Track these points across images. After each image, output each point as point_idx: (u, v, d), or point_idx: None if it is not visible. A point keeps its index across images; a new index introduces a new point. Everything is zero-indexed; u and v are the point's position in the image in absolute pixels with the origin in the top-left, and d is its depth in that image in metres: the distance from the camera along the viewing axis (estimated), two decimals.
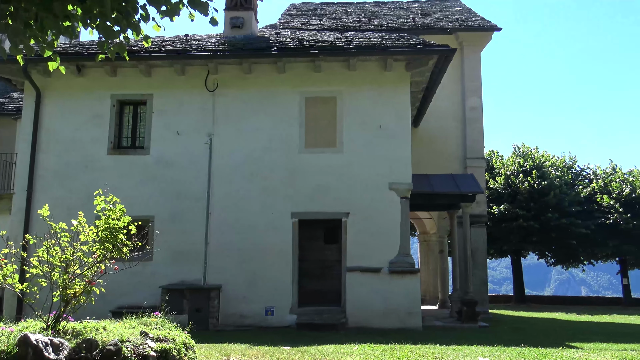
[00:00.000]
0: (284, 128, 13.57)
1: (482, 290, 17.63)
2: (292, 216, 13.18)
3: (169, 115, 13.77)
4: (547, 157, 30.56)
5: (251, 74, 13.72)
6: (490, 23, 19.09)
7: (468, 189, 14.95)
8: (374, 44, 13.32)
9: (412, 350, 7.57)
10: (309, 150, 13.48)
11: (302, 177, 13.33)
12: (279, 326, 12.40)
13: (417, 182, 13.72)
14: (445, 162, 18.11)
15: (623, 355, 7.39)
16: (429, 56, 13.22)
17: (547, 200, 27.70)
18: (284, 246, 13.05)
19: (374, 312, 12.55)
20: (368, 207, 13.12)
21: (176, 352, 5.52)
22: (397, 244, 12.96)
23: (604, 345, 10.23)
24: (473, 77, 18.90)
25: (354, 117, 13.55)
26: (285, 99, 13.71)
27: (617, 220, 28.46)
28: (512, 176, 29.04)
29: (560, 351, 7.74)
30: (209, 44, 13.77)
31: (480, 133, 18.69)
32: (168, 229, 12.83)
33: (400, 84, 13.67)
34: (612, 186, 29.87)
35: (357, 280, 12.83)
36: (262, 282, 12.87)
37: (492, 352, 7.48)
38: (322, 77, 13.71)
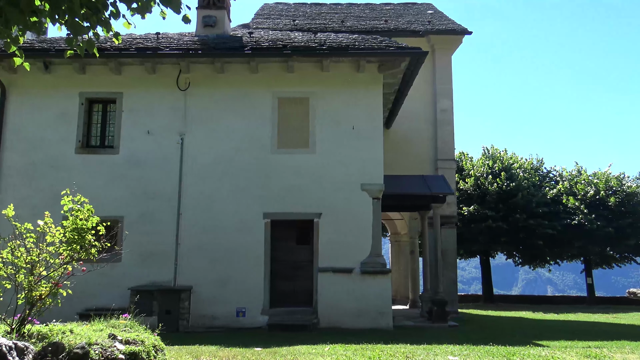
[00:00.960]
0: (256, 128, 13.51)
1: (452, 290, 17.90)
2: (264, 217, 13.13)
3: (140, 114, 13.56)
4: (515, 159, 31.17)
5: (223, 74, 13.61)
6: (461, 27, 19.38)
7: (439, 190, 15.14)
8: (347, 45, 13.37)
9: (383, 350, 7.62)
10: (281, 150, 13.45)
11: (275, 177, 13.30)
12: (251, 327, 12.34)
13: (389, 183, 13.82)
14: (417, 163, 18.30)
15: (587, 352, 7.58)
16: (401, 58, 13.34)
17: (515, 202, 28.26)
18: (255, 247, 12.99)
19: (345, 312, 12.60)
20: (340, 208, 13.17)
21: (146, 355, 5.44)
22: (368, 245, 13.04)
23: (569, 343, 10.49)
24: (444, 79, 19.16)
25: (326, 117, 13.58)
26: (258, 99, 13.66)
27: (581, 221, 29.20)
28: (482, 178, 29.52)
29: (527, 349, 7.89)
30: (181, 43, 13.62)
31: (450, 135, 18.96)
32: (138, 229, 12.64)
33: (372, 86, 13.76)
34: (577, 188, 30.64)
35: (329, 280, 12.86)
36: (233, 283, 12.79)
37: (462, 351, 7.58)
38: (295, 78, 13.70)
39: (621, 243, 29.46)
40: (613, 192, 29.98)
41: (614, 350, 8.02)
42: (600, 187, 30.12)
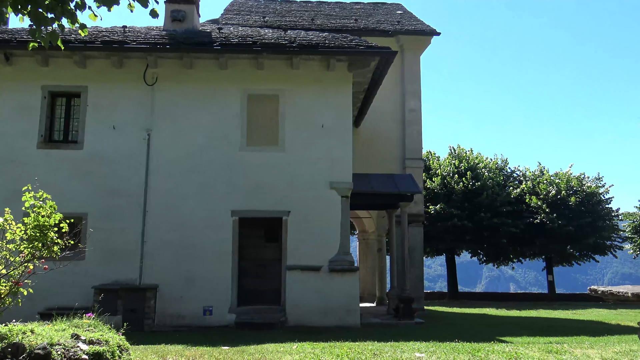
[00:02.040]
0: (225, 125, 13.38)
1: (419, 287, 18.14)
2: (232, 214, 13.02)
3: (105, 109, 13.26)
4: (480, 158, 31.75)
5: (192, 69, 13.44)
6: (430, 27, 19.61)
7: (407, 189, 15.29)
8: (317, 43, 13.37)
9: (351, 347, 7.66)
10: (250, 148, 13.36)
11: (243, 175, 13.20)
12: (218, 326, 12.23)
13: (358, 181, 13.89)
14: (385, 162, 18.46)
15: (549, 348, 7.78)
16: (371, 58, 13.41)
17: (480, 201, 28.81)
18: (223, 245, 12.87)
19: (313, 310, 12.61)
20: (309, 206, 13.16)
21: (110, 355, 5.32)
22: (337, 243, 13.07)
23: (531, 339, 10.73)
24: (413, 79, 19.37)
25: (296, 115, 13.55)
26: (227, 95, 13.53)
27: (543, 220, 29.99)
28: (448, 177, 29.97)
29: (492, 345, 8.05)
30: (149, 37, 13.37)
31: (418, 134, 19.19)
32: (102, 226, 12.37)
33: (342, 84, 13.79)
34: (539, 187, 31.43)
35: (297, 278, 12.85)
36: (200, 281, 12.64)
37: (428, 348, 7.68)
38: (265, 75, 13.63)
39: (581, 241, 30.37)
40: (574, 192, 30.86)
41: (574, 346, 8.25)
42: (561, 187, 30.97)
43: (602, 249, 31.98)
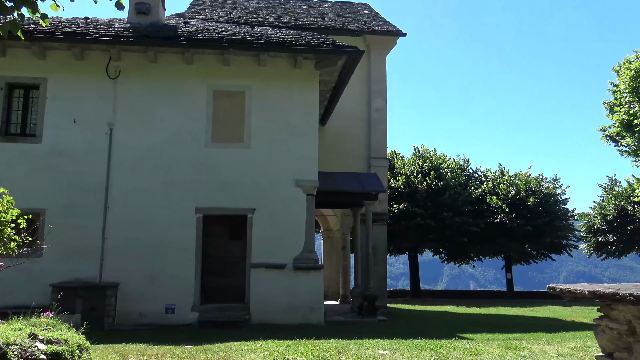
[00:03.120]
0: (190, 121, 13.20)
1: (382, 285, 18.30)
2: (196, 211, 12.86)
3: (65, 102, 12.89)
4: (444, 159, 32.28)
5: (157, 63, 13.20)
6: (396, 28, 19.80)
7: (372, 188, 15.43)
8: (285, 40, 13.33)
9: (316, 345, 7.67)
10: (215, 144, 13.22)
11: (208, 171, 13.05)
12: (180, 324, 12.07)
13: (323, 179, 13.93)
14: (350, 160, 18.56)
15: (508, 344, 7.99)
16: (338, 56, 13.45)
17: (443, 200, 29.28)
18: (187, 242, 12.70)
19: (277, 308, 12.58)
20: (274, 204, 13.12)
21: (69, 355, 5.18)
22: (302, 241, 13.08)
23: (491, 335, 11.00)
24: (379, 79, 19.52)
25: (262, 112, 13.47)
26: (193, 91, 13.35)
27: (503, 219, 30.73)
28: (412, 176, 30.36)
29: (453, 342, 8.21)
30: (112, 29, 13.06)
31: (384, 134, 19.35)
32: (62, 223, 12.02)
33: (309, 82, 13.79)
34: (500, 188, 32.18)
35: (262, 276, 12.80)
36: (163, 279, 12.45)
37: (392, 345, 7.77)
38: (231, 71, 13.50)
39: (538, 241, 31.28)
40: (532, 192, 31.72)
41: (531, 342, 8.50)
42: (520, 188, 31.79)
43: (558, 248, 33.02)
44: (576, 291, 3.60)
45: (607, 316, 3.51)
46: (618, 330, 3.38)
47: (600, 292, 3.32)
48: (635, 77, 20.96)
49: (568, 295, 3.73)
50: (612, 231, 33.60)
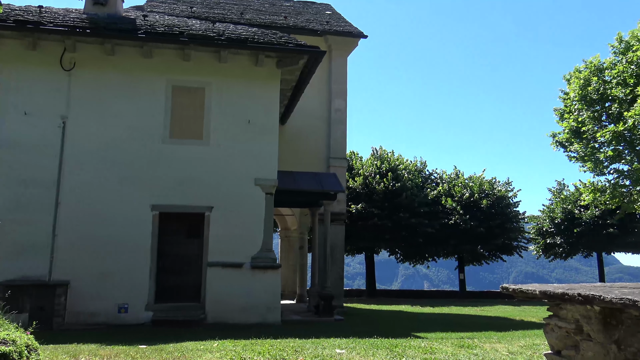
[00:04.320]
0: (148, 116, 12.91)
1: (339, 285, 18.42)
2: (152, 209, 12.61)
3: (15, 93, 12.36)
4: (401, 160, 32.78)
5: (114, 56, 12.86)
6: (358, 30, 19.95)
7: (330, 188, 15.51)
8: (246, 38, 13.23)
9: (273, 344, 7.66)
10: (173, 140, 12.99)
11: (165, 168, 12.81)
12: (134, 324, 11.79)
13: (282, 178, 13.91)
14: (310, 160, 18.58)
15: (461, 343, 8.18)
16: (300, 56, 13.45)
17: (399, 201, 29.74)
18: (142, 240, 12.42)
19: (234, 307, 12.47)
20: (232, 202, 13.00)
21: (17, 355, 5.00)
22: (260, 240, 13.01)
23: (444, 334, 11.25)
24: (339, 80, 19.62)
25: (222, 109, 13.33)
26: (151, 85, 13.06)
27: (457, 221, 31.47)
28: (370, 177, 30.69)
29: (409, 341, 8.35)
30: (67, 19, 12.64)
31: (343, 134, 19.48)
32: (10, 218, 11.53)
33: (270, 81, 13.73)
34: (455, 190, 32.94)
35: (219, 275, 12.66)
36: (116, 277, 12.13)
37: (349, 344, 7.83)
38: (191, 67, 13.29)
39: (490, 242, 32.19)
40: (485, 195, 32.62)
41: (483, 340, 8.74)
42: (474, 190, 32.62)
43: (509, 249, 34.09)
44: (528, 291, 3.72)
45: (557, 315, 3.64)
46: (566, 329, 3.52)
47: (550, 292, 3.45)
48: (584, 86, 21.83)
49: (520, 295, 3.85)
50: (559, 234, 34.94)
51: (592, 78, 21.78)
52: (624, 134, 20.22)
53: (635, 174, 22.07)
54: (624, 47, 21.31)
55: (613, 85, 21.26)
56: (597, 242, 33.61)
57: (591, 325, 3.20)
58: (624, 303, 2.69)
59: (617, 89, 21.08)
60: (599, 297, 2.89)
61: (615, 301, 2.75)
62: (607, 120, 21.93)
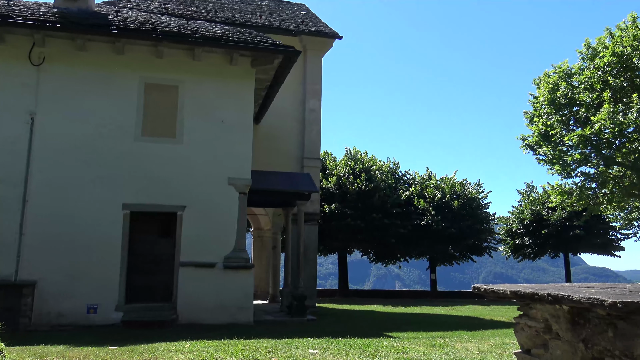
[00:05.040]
0: (119, 113, 12.70)
1: (312, 285, 18.46)
2: (123, 207, 12.40)
3: None
4: (374, 161, 32.95)
5: (85, 52, 12.61)
6: (333, 30, 20.01)
7: (304, 188, 15.51)
8: (221, 36, 13.14)
9: (246, 345, 7.62)
10: (146, 138, 12.81)
11: (137, 166, 12.62)
12: (103, 325, 11.59)
13: (256, 178, 13.85)
14: (284, 160, 18.56)
15: (432, 342, 8.28)
16: (275, 55, 13.42)
17: (372, 202, 29.90)
18: (112, 239, 12.22)
19: (206, 307, 12.37)
20: (205, 201, 12.90)
21: None
22: (233, 240, 12.93)
23: (416, 334, 11.36)
24: (314, 80, 19.65)
25: (195, 108, 13.20)
26: (123, 82, 12.86)
27: (429, 222, 31.80)
28: (343, 177, 30.78)
29: (381, 341, 8.41)
30: (37, 13, 12.35)
31: (317, 134, 19.51)
32: None
33: (244, 80, 13.66)
34: (427, 191, 33.28)
35: (191, 275, 12.54)
36: (86, 277, 11.89)
37: (321, 344, 7.85)
38: (165, 64, 13.14)
39: (461, 243, 32.63)
40: (457, 196, 33.04)
41: (454, 340, 8.86)
42: (446, 191, 33.02)
43: (479, 250, 34.60)
44: (499, 291, 3.79)
45: (526, 315, 3.72)
46: (536, 328, 3.59)
47: (520, 292, 3.52)
48: (553, 90, 22.32)
49: (492, 295, 3.92)
50: (528, 235, 35.62)
51: (560, 83, 22.29)
52: (591, 138, 20.74)
53: (601, 177, 22.70)
54: (592, 53, 21.88)
55: (581, 90, 21.80)
56: (564, 243, 34.39)
57: (560, 324, 3.28)
58: (591, 302, 2.77)
59: (585, 94, 21.62)
60: (567, 296, 2.96)
61: (583, 301, 2.83)
62: (574, 124, 22.47)
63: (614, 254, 35.01)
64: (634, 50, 20.24)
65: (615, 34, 21.16)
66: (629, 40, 20.32)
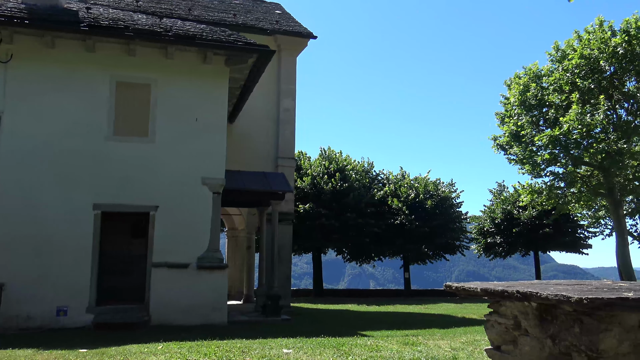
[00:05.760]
0: (90, 112, 12.46)
1: (286, 285, 18.43)
2: (94, 208, 12.19)
3: None
4: (349, 161, 33.10)
5: (54, 49, 12.34)
6: (307, 30, 20.01)
7: (279, 188, 15.48)
8: (195, 34, 13.02)
9: (219, 345, 7.59)
10: (117, 138, 12.61)
11: (109, 166, 12.41)
12: (74, 327, 11.36)
13: (230, 178, 13.77)
14: (258, 159, 18.49)
15: (406, 340, 8.37)
16: (249, 54, 13.35)
17: (347, 201, 30.03)
18: (83, 240, 11.99)
19: (179, 308, 12.24)
20: (179, 201, 12.76)
21: None
22: (206, 240, 12.82)
23: (390, 332, 11.46)
24: (288, 79, 19.62)
25: (168, 107, 13.05)
26: (94, 80, 12.63)
27: (403, 221, 32.08)
28: (318, 177, 30.83)
29: (355, 340, 8.46)
30: (4, 9, 12.01)
31: (292, 134, 19.49)
32: None
33: (218, 79, 13.56)
34: (401, 191, 33.57)
35: (164, 276, 12.39)
36: (55, 279, 11.65)
37: (296, 344, 7.86)
38: (137, 62, 12.95)
39: (434, 241, 33.01)
40: (430, 195, 33.41)
41: (427, 338, 8.96)
42: (420, 191, 33.36)
43: (452, 249, 35.06)
44: (470, 289, 3.85)
45: (497, 312, 3.78)
46: (505, 325, 3.66)
47: (490, 290, 3.58)
48: (524, 91, 22.76)
49: (463, 293, 3.97)
50: (499, 233, 36.24)
51: (531, 84, 22.75)
52: (560, 139, 21.21)
53: (569, 177, 23.23)
54: (560, 55, 22.38)
55: (550, 92, 22.28)
56: (534, 242, 35.08)
57: (528, 321, 3.35)
58: (558, 299, 2.84)
59: (554, 95, 22.11)
60: (535, 293, 3.03)
61: (550, 297, 2.89)
62: (544, 125, 22.96)
63: (582, 252, 35.85)
64: (600, 53, 20.79)
65: (584, 37, 21.69)
66: (596, 43, 20.86)
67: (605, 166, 21.22)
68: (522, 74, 23.50)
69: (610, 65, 20.94)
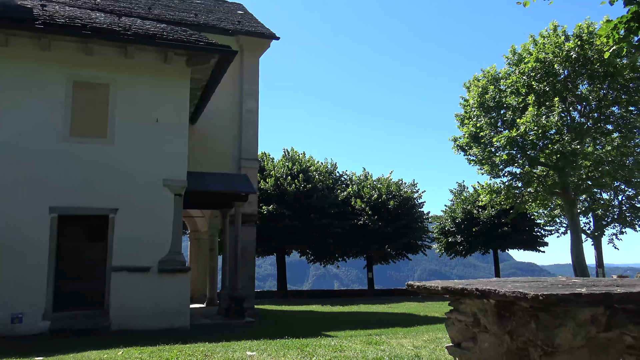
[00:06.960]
0: (46, 112, 12.08)
1: (250, 286, 18.32)
2: (50, 211, 11.82)
3: None
4: (312, 162, 33.16)
5: (7, 47, 11.93)
6: (270, 31, 19.95)
7: (242, 189, 15.38)
8: (155, 34, 12.80)
9: (182, 350, 7.48)
10: (75, 139, 12.26)
11: (66, 168, 12.06)
12: (30, 335, 10.99)
13: (192, 179, 13.59)
14: (221, 161, 18.31)
15: (369, 340, 8.44)
16: (211, 55, 13.22)
17: (310, 202, 30.07)
18: (39, 244, 11.60)
19: (141, 313, 12.00)
20: (139, 204, 12.51)
21: None
22: (168, 242, 12.61)
23: (354, 332, 11.53)
24: (251, 80, 19.51)
25: (128, 107, 12.78)
26: (50, 80, 12.25)
27: (366, 221, 32.35)
28: (282, 178, 30.78)
29: (319, 340, 8.48)
30: None
31: (255, 135, 19.38)
32: None
33: (179, 79, 13.37)
34: (364, 191, 33.84)
35: (124, 280, 12.12)
36: (10, 285, 11.22)
37: (260, 346, 7.82)
38: (94, 62, 12.63)
39: (397, 241, 33.39)
40: (393, 196, 33.79)
41: (390, 337, 9.07)
42: (382, 191, 33.70)
43: (414, 248, 35.55)
44: (431, 288, 3.92)
45: (457, 310, 3.87)
46: (465, 322, 3.74)
47: (451, 288, 3.66)
48: (482, 93, 23.30)
49: (424, 291, 4.05)
50: (460, 232, 36.95)
51: (489, 87, 23.31)
52: (517, 140, 21.81)
53: (526, 177, 23.90)
54: (517, 58, 23.01)
55: (507, 94, 22.88)
56: (493, 240, 35.92)
57: (487, 318, 3.44)
58: (515, 296, 2.92)
59: (511, 97, 22.71)
60: (494, 291, 3.11)
61: (508, 294, 2.98)
62: (502, 126, 23.56)
63: (538, 250, 36.90)
64: (555, 56, 21.47)
65: (539, 41, 22.37)
66: (551, 47, 21.54)
67: (560, 166, 21.93)
68: (481, 77, 24.06)
69: (564, 68, 21.67)
